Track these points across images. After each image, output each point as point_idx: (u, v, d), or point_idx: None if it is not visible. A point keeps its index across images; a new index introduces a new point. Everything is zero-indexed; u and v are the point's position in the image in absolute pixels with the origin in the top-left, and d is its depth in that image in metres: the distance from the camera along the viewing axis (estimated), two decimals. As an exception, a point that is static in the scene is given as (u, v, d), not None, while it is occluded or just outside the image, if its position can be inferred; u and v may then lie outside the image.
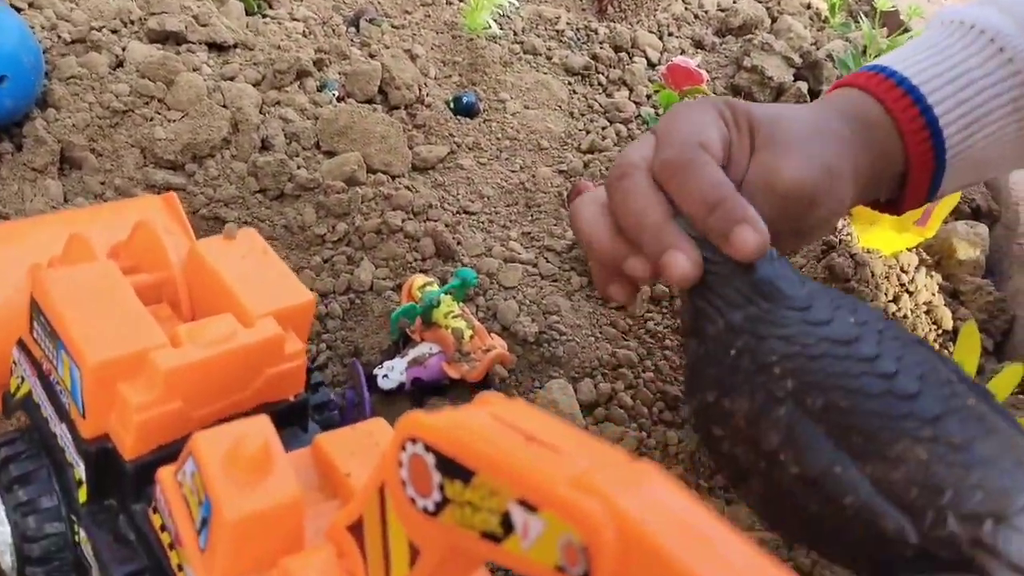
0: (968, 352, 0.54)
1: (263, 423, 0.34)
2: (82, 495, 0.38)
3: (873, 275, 0.74)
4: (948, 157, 0.43)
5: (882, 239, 0.77)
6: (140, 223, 0.46)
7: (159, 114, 0.74)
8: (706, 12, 1.18)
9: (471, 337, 0.62)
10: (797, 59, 1.00)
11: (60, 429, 0.39)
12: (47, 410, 0.40)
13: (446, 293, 0.63)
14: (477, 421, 0.26)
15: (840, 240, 0.78)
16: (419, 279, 0.65)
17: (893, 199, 0.46)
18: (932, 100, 0.43)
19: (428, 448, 0.26)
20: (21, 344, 0.42)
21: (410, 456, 0.27)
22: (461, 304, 0.64)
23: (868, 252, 0.76)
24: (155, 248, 0.45)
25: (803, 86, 0.98)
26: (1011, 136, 0.44)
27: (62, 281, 0.39)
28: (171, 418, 0.38)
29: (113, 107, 0.73)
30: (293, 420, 0.44)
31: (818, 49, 1.07)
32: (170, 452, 0.38)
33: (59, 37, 0.79)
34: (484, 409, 0.27)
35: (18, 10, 0.80)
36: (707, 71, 1.04)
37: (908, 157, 0.43)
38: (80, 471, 0.38)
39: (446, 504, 0.26)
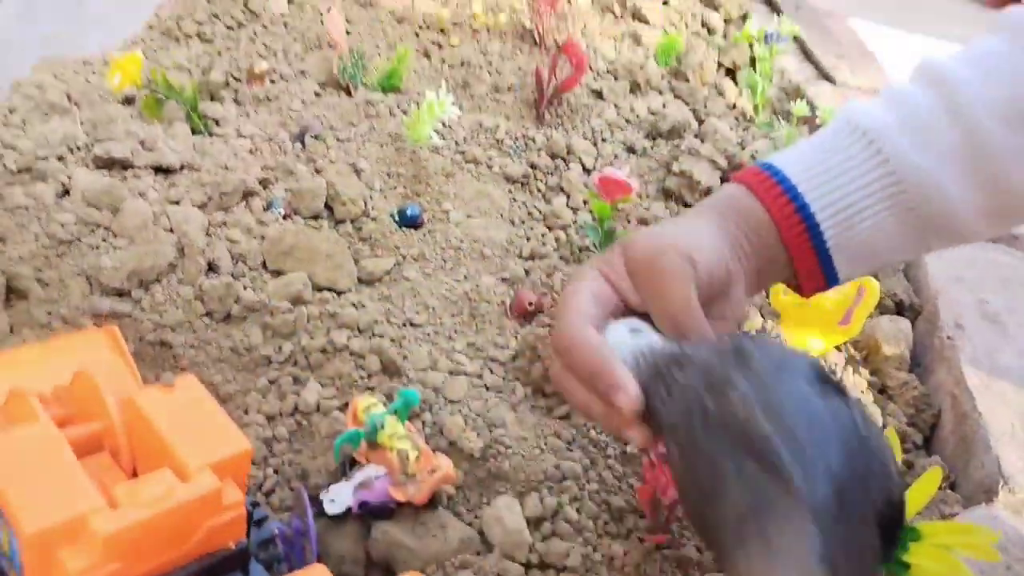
0: (922, 495, 0.57)
1: None
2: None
3: (803, 375, 0.77)
4: (830, 247, 0.48)
5: (809, 341, 0.81)
6: (79, 372, 0.47)
7: (105, 241, 0.75)
8: (637, 116, 1.24)
9: (416, 458, 0.63)
10: (723, 162, 1.06)
11: (4, 594, 0.39)
12: (-5, 574, 0.40)
13: (390, 415, 0.64)
14: None
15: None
16: (363, 400, 0.66)
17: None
18: (808, 198, 0.47)
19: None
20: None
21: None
22: (406, 423, 0.66)
23: (797, 352, 0.79)
24: (94, 397, 0.46)
25: (731, 188, 1.03)
26: (891, 227, 0.48)
27: (2, 447, 0.40)
28: None
29: (59, 236, 0.74)
30: (234, 567, 0.45)
31: (743, 149, 1.13)
32: (113, 612, 0.38)
33: (4, 166, 0.81)
34: None
35: (-37, 139, 0.82)
36: (639, 175, 1.09)
37: (786, 247, 0.48)
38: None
39: None
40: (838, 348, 0.83)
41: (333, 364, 0.73)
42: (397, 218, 0.95)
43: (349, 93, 1.19)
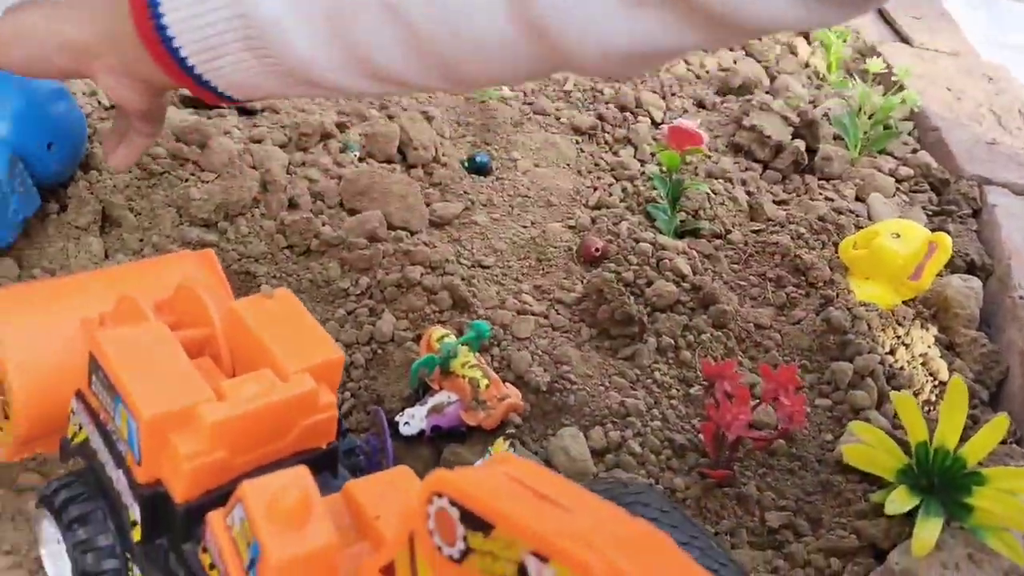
0: (955, 408, 0.57)
1: (302, 473, 0.37)
2: (136, 535, 0.42)
3: (870, 328, 0.78)
4: (202, 76, 0.48)
5: (878, 293, 0.81)
6: (182, 284, 0.51)
7: (193, 175, 0.79)
8: (707, 72, 1.23)
9: (487, 386, 0.65)
10: (795, 118, 1.05)
11: (116, 474, 0.43)
12: (104, 456, 0.44)
13: (463, 344, 0.67)
14: (495, 480, 0.30)
15: (837, 294, 0.81)
16: (437, 331, 0.69)
17: None
18: (173, 31, 0.47)
19: (452, 503, 0.30)
20: (79, 395, 0.46)
21: (436, 509, 0.30)
22: (477, 354, 0.68)
23: (865, 306, 0.79)
24: (197, 306, 0.49)
25: (800, 144, 1.03)
26: (257, 69, 0.48)
27: (118, 341, 0.43)
28: (216, 466, 0.41)
29: (151, 169, 0.78)
30: (325, 466, 0.48)
31: (815, 107, 1.12)
32: (216, 496, 0.42)
33: (99, 103, 0.85)
34: (501, 468, 0.31)
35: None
36: (708, 130, 1.09)
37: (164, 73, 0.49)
38: (134, 513, 0.42)
39: (469, 553, 0.29)
40: (907, 303, 0.82)
41: (407, 298, 0.76)
42: (467, 165, 0.97)
43: (420, 44, 1.21)
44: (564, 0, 0.41)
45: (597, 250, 0.83)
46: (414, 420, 0.65)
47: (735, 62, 1.25)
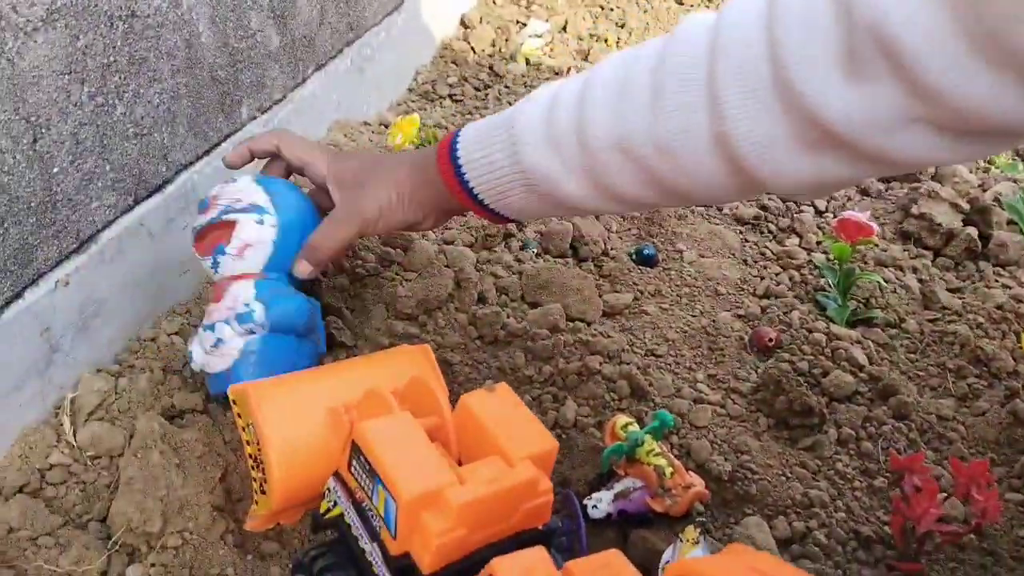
0: None
1: (543, 554, 0.43)
2: (387, 599, 0.49)
3: (1063, 421, 0.76)
4: (495, 208, 0.67)
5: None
6: (415, 377, 0.58)
7: (399, 275, 0.89)
8: (868, 159, 1.24)
9: (672, 474, 0.69)
10: (964, 204, 1.04)
11: (370, 547, 0.50)
12: (358, 530, 0.51)
13: (648, 433, 0.71)
14: (739, 570, 0.34)
15: (1022, 385, 0.80)
16: (621, 419, 0.74)
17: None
18: (469, 178, 0.65)
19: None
20: (337, 475, 0.54)
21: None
22: (660, 443, 0.72)
23: (1056, 397, 0.78)
24: (429, 397, 0.57)
25: (973, 231, 1.02)
26: (536, 202, 0.64)
27: (377, 431, 0.51)
28: (458, 542, 0.48)
29: (360, 272, 0.89)
30: (540, 544, 0.53)
31: (985, 192, 1.11)
32: (454, 569, 0.48)
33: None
34: (742, 558, 0.35)
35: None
36: (874, 217, 1.10)
37: (463, 206, 0.68)
38: (386, 581, 0.48)
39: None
40: (1103, 395, 0.79)
41: (587, 386, 0.81)
42: (634, 257, 1.02)
43: (583, 143, 1.29)
44: (758, 147, 0.51)
45: (771, 340, 0.86)
46: (601, 504, 0.69)
47: (896, 148, 1.25)
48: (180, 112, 0.79)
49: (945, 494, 0.69)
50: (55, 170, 0.65)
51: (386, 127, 1.23)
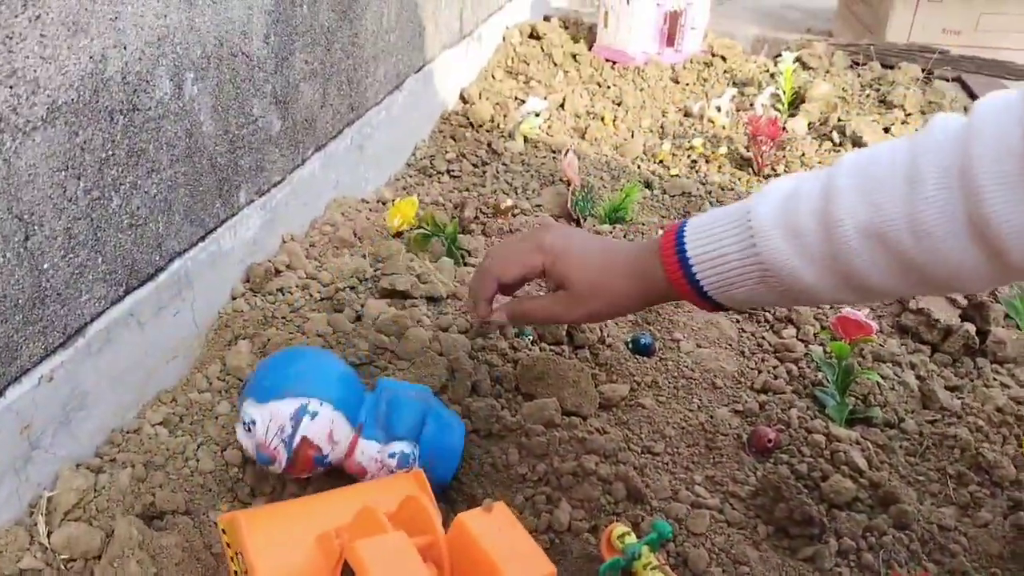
0: None
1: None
2: None
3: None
4: (717, 299, 0.66)
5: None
6: (409, 497, 0.57)
7: (391, 363, 0.87)
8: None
9: None
10: (962, 300, 1.04)
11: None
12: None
13: (645, 545, 0.69)
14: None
15: (1029, 496, 0.78)
16: (617, 528, 0.72)
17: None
18: (696, 270, 0.65)
19: None
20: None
21: None
22: (656, 554, 0.70)
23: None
24: (423, 516, 0.55)
25: (970, 327, 1.01)
26: (764, 293, 0.63)
27: (370, 550, 0.49)
28: None
29: (351, 361, 0.87)
30: None
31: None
32: None
33: (311, 295, 0.96)
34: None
35: (277, 272, 0.99)
36: (872, 310, 1.09)
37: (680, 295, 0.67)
38: None
39: None
40: (1107, 508, 0.78)
41: (582, 487, 0.79)
42: (631, 346, 1.01)
43: (579, 224, 1.30)
44: (1014, 234, 0.52)
45: (770, 441, 0.84)
46: (598, 619, 0.67)
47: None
48: (177, 201, 0.79)
49: (950, 615, 0.67)
50: (45, 266, 0.64)
51: (384, 204, 1.23)
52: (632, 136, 1.63)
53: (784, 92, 1.71)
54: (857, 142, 1.58)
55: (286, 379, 0.71)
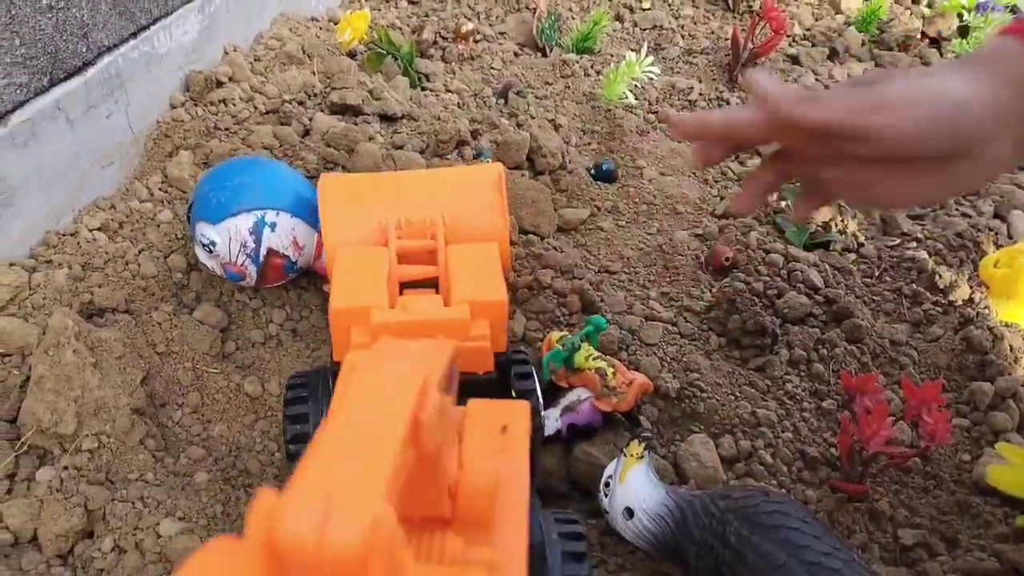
0: None
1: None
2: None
3: (1012, 349, 0.75)
4: None
5: (1019, 312, 0.78)
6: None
7: (341, 177, 0.84)
8: (836, 82, 1.21)
9: (614, 374, 0.67)
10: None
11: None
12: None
13: (583, 339, 0.69)
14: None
15: (977, 313, 0.79)
16: (555, 334, 0.71)
17: None
18: None
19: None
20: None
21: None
22: (594, 346, 0.70)
23: (1007, 326, 0.77)
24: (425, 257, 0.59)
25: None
26: None
27: (347, 256, 0.56)
28: None
29: (303, 172, 0.83)
30: (480, 393, 0.52)
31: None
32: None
33: (255, 108, 0.91)
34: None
35: (219, 83, 0.93)
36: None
37: None
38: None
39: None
40: (1051, 324, 0.79)
41: (538, 300, 0.78)
42: (593, 172, 0.99)
43: (545, 54, 1.24)
44: None
45: (727, 259, 0.84)
46: (549, 421, 0.67)
47: (864, 73, 1.22)
48: (101, -15, 0.72)
49: (894, 417, 0.68)
50: (-49, 36, 0.58)
51: (335, 23, 1.15)
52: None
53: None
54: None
55: (236, 193, 0.67)
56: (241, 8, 0.96)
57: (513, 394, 0.57)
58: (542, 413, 0.67)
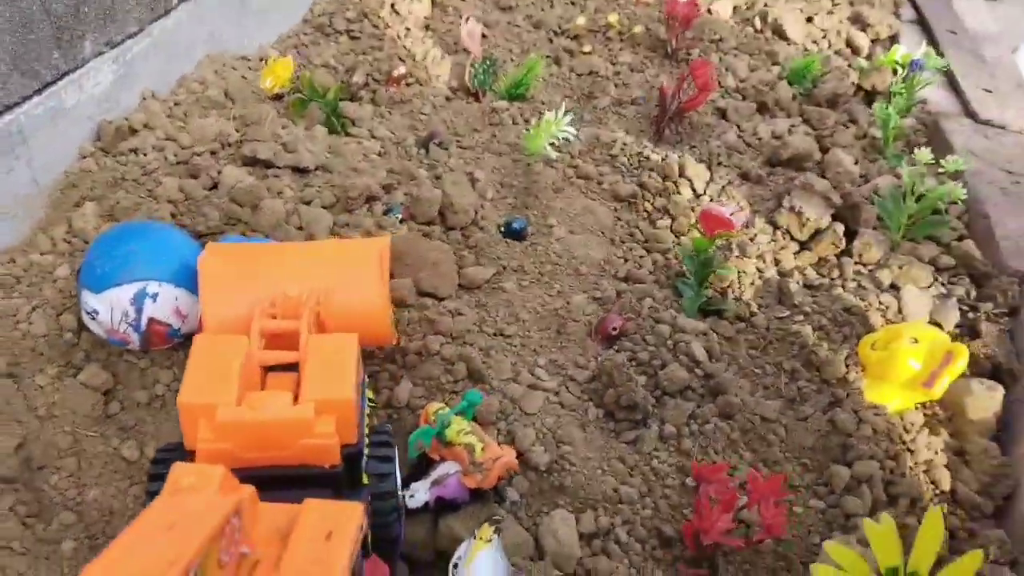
0: (930, 538, 0.58)
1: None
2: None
3: (875, 432, 0.78)
4: None
5: (888, 395, 0.81)
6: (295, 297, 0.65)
7: (244, 235, 0.86)
8: (759, 140, 1.24)
9: (482, 450, 0.69)
10: (837, 199, 1.05)
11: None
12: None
13: (456, 414, 0.71)
14: None
15: (848, 394, 0.82)
16: (434, 405, 0.74)
17: None
18: None
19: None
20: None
21: None
22: (472, 422, 0.72)
23: (874, 408, 0.80)
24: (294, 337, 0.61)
25: (840, 228, 1.03)
26: None
27: (205, 345, 0.56)
28: (224, 454, 0.52)
29: (199, 231, 0.85)
30: (326, 484, 0.56)
31: (866, 183, 1.12)
32: (240, 475, 0.50)
33: (165, 158, 0.93)
34: None
35: (133, 131, 0.94)
36: (749, 203, 1.10)
37: None
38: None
39: None
40: (922, 404, 0.82)
41: (425, 367, 0.80)
42: (503, 229, 1.01)
43: (478, 99, 1.26)
44: None
45: (615, 329, 0.86)
46: (418, 494, 0.69)
47: (790, 130, 1.25)
48: (1, 49, 0.74)
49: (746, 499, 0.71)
50: None
51: (266, 62, 1.17)
52: (551, 5, 1.56)
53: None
54: (778, 31, 1.54)
55: (121, 263, 0.69)
56: (162, 52, 0.97)
57: (365, 480, 0.60)
58: (412, 486, 0.70)
